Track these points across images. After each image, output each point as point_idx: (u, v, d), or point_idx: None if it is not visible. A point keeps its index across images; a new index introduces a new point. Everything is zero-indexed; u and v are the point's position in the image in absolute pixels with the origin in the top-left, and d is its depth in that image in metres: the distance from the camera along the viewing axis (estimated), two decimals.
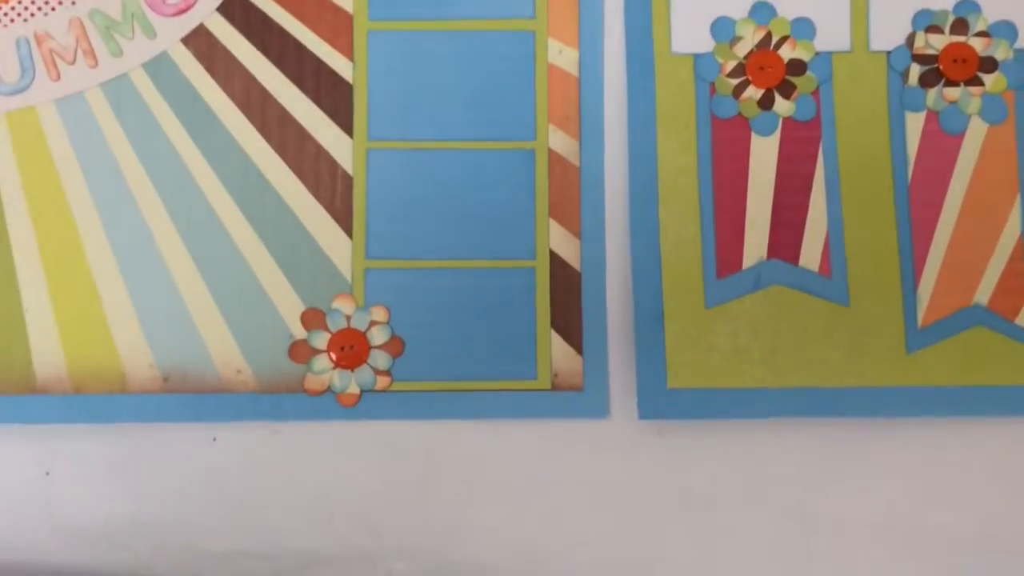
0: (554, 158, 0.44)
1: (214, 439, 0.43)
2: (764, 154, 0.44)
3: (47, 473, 0.43)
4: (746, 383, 0.42)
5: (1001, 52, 0.44)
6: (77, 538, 0.42)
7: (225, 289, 0.43)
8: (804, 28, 0.45)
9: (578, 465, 0.43)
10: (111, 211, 0.44)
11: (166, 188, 0.44)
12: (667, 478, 0.43)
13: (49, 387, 0.43)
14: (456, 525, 0.42)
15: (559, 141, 0.44)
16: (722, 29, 0.45)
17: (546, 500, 0.42)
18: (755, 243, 0.43)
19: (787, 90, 0.44)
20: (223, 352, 0.43)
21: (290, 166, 0.44)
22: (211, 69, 0.44)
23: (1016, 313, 0.43)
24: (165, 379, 0.43)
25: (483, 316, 0.43)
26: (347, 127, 0.45)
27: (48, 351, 0.43)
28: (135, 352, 0.43)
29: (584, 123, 0.44)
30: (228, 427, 0.43)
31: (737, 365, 0.42)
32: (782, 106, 0.44)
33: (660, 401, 0.42)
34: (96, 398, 0.43)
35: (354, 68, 0.44)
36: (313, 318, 0.44)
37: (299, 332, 0.43)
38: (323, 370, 0.43)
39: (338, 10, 0.45)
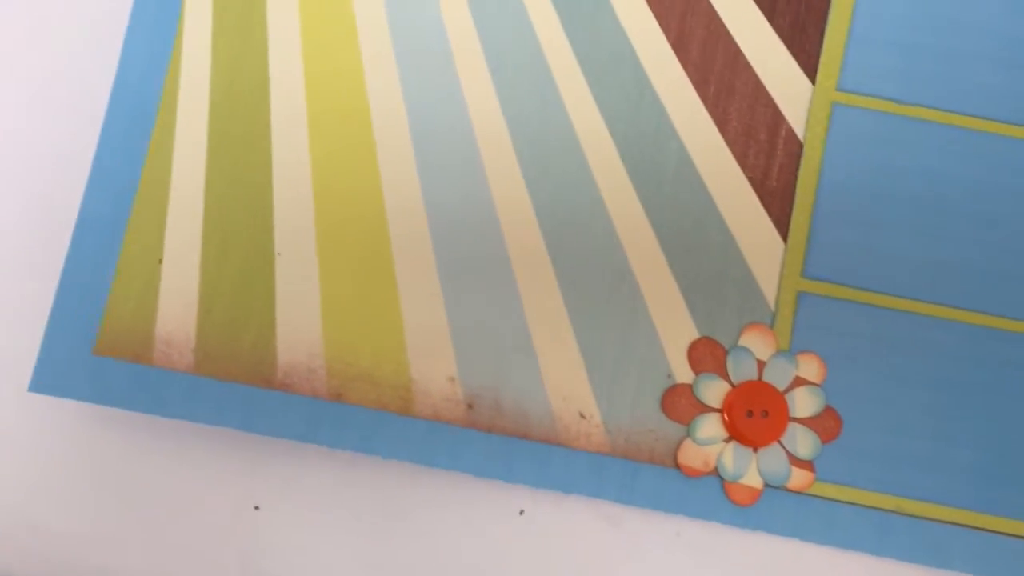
0: None
1: (520, 512, 0.29)
2: None
3: (256, 508, 0.29)
4: None
5: None
6: None
7: (580, 285, 0.29)
8: None
9: None
10: (429, 116, 0.30)
11: (514, 93, 0.30)
12: None
13: (292, 381, 0.28)
14: None
15: None
16: None
17: None
18: None
19: None
20: (564, 379, 0.29)
21: (707, 107, 0.30)
22: None
23: None
24: (469, 405, 0.29)
25: (977, 405, 0.29)
26: (809, 65, 0.30)
27: (299, 325, 0.29)
28: (431, 355, 0.29)
29: None
30: (543, 499, 0.29)
31: None
32: None
33: None
34: (358, 413, 0.28)
35: None
36: (707, 354, 0.29)
37: (682, 372, 0.29)
38: (711, 439, 0.29)
39: None
